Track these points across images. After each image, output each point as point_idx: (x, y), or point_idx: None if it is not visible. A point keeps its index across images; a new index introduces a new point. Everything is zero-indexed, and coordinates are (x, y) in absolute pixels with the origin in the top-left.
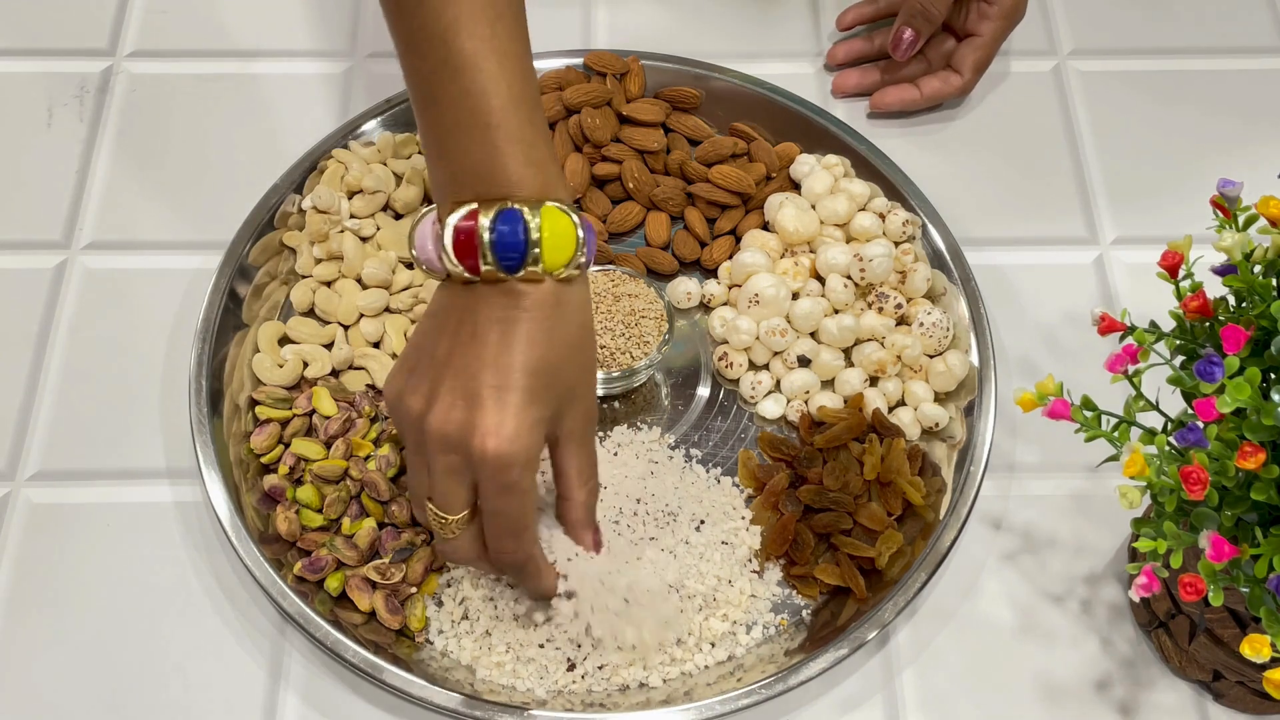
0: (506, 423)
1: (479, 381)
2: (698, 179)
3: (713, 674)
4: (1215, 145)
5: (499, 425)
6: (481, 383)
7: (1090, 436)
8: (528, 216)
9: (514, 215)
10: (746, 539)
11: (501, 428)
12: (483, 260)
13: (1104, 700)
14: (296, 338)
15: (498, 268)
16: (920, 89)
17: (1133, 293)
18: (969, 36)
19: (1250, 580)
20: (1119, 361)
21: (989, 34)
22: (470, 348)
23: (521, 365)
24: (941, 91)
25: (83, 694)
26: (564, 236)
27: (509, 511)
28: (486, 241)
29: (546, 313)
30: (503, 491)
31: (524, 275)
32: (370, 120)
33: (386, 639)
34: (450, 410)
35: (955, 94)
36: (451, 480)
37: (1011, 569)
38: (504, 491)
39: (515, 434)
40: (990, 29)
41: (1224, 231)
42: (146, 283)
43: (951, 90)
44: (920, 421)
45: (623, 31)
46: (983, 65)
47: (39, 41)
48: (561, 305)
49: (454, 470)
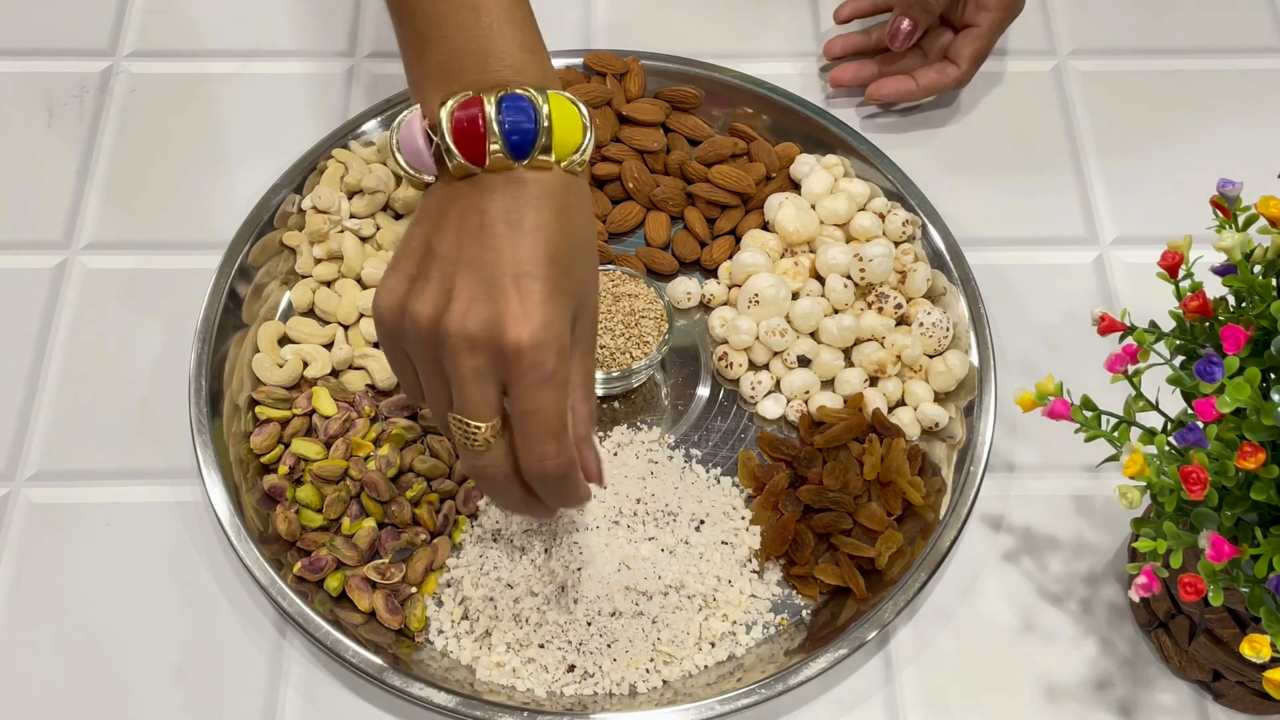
0: (534, 311)
1: (498, 272)
2: (698, 179)
3: (712, 674)
4: (1215, 145)
5: (527, 314)
6: (501, 273)
7: (1090, 436)
8: (536, 99)
9: (521, 99)
10: (746, 539)
11: (530, 316)
12: (490, 145)
13: (1104, 700)
14: (296, 338)
15: (507, 153)
16: (917, 80)
17: (1133, 293)
18: (966, 28)
19: (1250, 580)
20: (1119, 361)
21: (987, 24)
22: (481, 240)
23: (541, 254)
24: (938, 83)
25: (83, 694)
26: (571, 123)
27: (546, 408)
28: (495, 125)
29: (556, 203)
30: (540, 385)
31: (532, 163)
32: (370, 120)
33: (386, 639)
34: (471, 306)
35: (952, 85)
36: (480, 384)
37: (1011, 569)
38: (541, 385)
39: (546, 321)
40: (988, 19)
41: (1224, 231)
42: (146, 283)
43: (948, 81)
44: (920, 421)
45: (623, 31)
46: (980, 57)
47: (39, 41)
48: (570, 197)
49: (481, 372)
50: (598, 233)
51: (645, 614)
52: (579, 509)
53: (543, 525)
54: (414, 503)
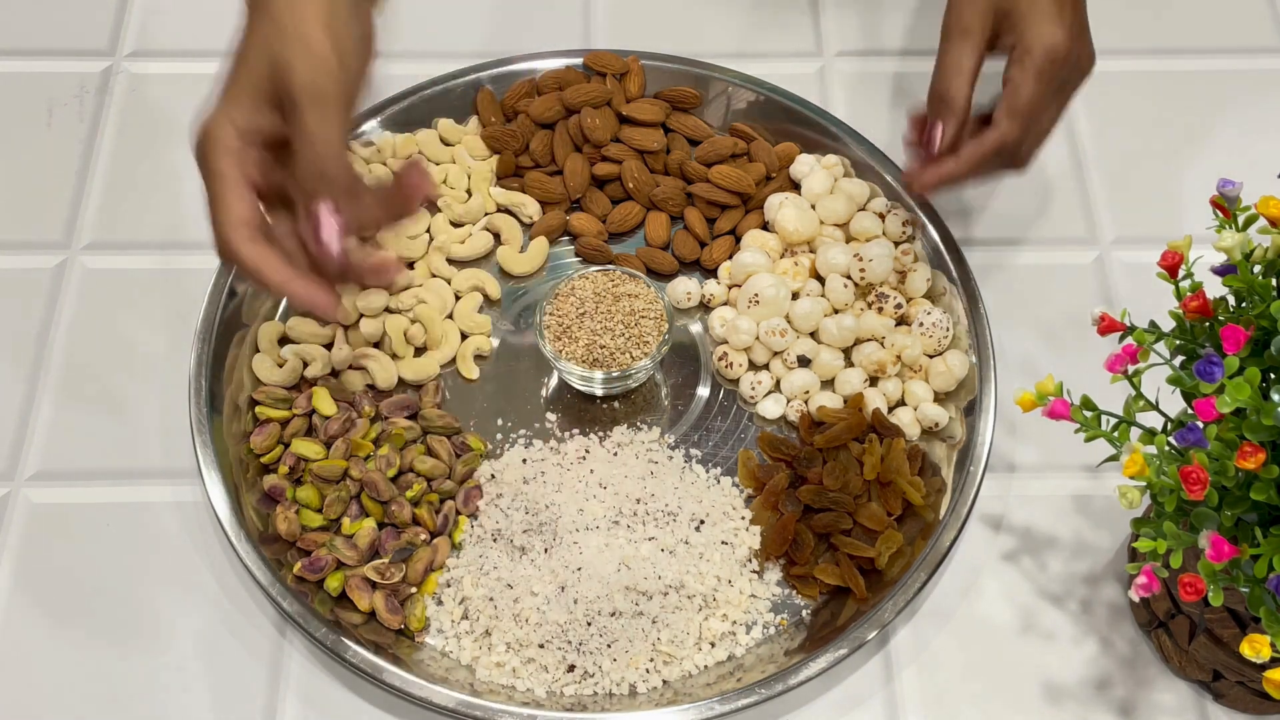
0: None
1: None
2: (697, 179)
3: (712, 674)
4: (1215, 145)
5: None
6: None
7: (1090, 436)
8: None
9: None
10: (746, 539)
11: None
12: None
13: (1104, 700)
14: (296, 338)
15: None
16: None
17: (1133, 293)
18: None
19: (1250, 580)
20: (1119, 361)
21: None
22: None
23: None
24: (978, 153)
25: (83, 694)
26: None
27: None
28: None
29: None
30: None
31: None
32: (370, 120)
33: (386, 639)
34: None
35: (994, 148)
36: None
37: (1011, 569)
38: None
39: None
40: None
41: (1224, 231)
42: (146, 283)
43: (988, 147)
44: (920, 422)
45: (623, 31)
46: (1019, 110)
47: (39, 41)
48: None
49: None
50: (598, 232)
51: (645, 614)
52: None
53: (543, 525)
54: (414, 503)
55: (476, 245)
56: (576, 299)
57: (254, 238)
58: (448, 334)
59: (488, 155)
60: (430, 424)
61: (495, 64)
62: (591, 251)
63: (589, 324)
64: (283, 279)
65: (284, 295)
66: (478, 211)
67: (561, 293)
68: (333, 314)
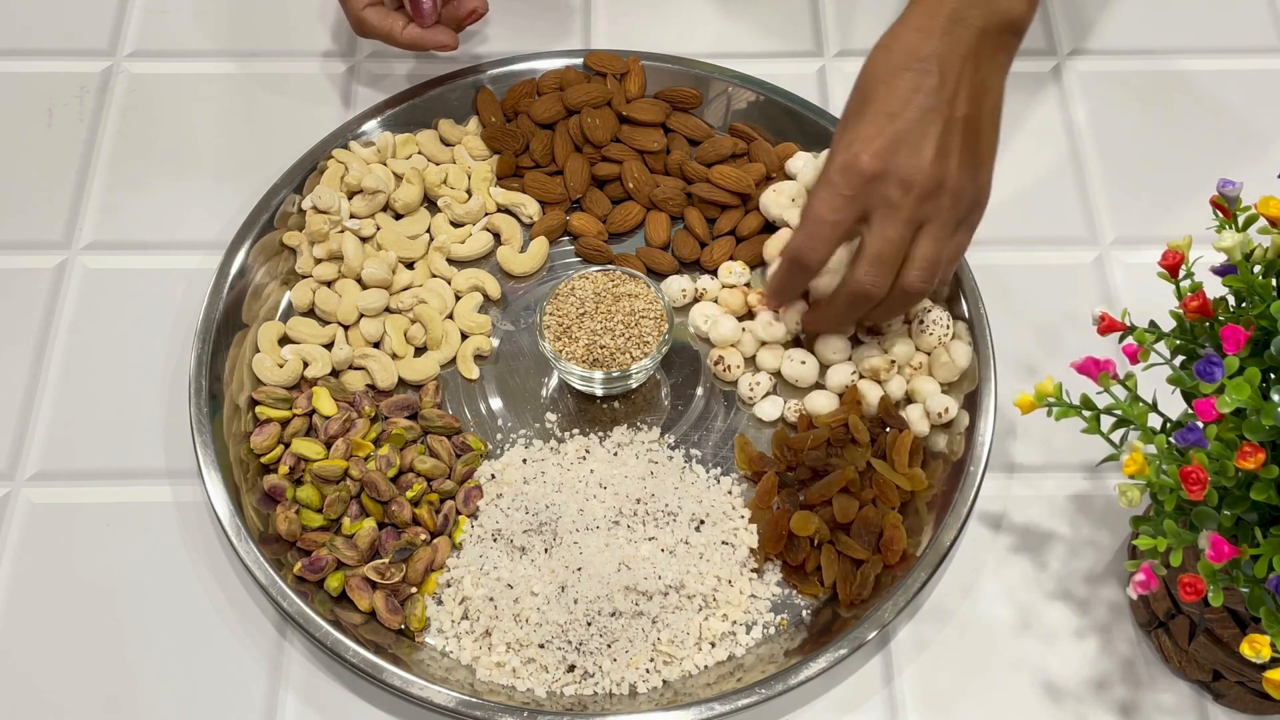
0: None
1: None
2: (697, 179)
3: (712, 674)
4: (1215, 145)
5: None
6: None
7: (1091, 429)
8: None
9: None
10: (746, 539)
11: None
12: None
13: (1104, 700)
14: (296, 338)
15: None
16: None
17: (1133, 293)
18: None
19: (1250, 580)
20: (1092, 366)
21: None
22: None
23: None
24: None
25: (83, 694)
26: None
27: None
28: None
29: None
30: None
31: None
32: (370, 120)
33: (386, 639)
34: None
35: (847, 301)
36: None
37: (1011, 568)
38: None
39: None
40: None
41: (1224, 231)
42: (146, 283)
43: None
44: (929, 414)
45: (623, 31)
46: (867, 254)
47: (39, 41)
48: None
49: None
50: (598, 232)
51: (645, 614)
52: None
53: (543, 525)
54: (414, 503)
55: (476, 245)
56: (576, 299)
57: (379, 10)
58: (448, 334)
59: (488, 155)
60: (430, 424)
61: (495, 64)
62: (591, 251)
63: (589, 324)
64: (409, 33)
65: (412, 46)
66: (478, 211)
67: (561, 293)
68: (454, 45)
